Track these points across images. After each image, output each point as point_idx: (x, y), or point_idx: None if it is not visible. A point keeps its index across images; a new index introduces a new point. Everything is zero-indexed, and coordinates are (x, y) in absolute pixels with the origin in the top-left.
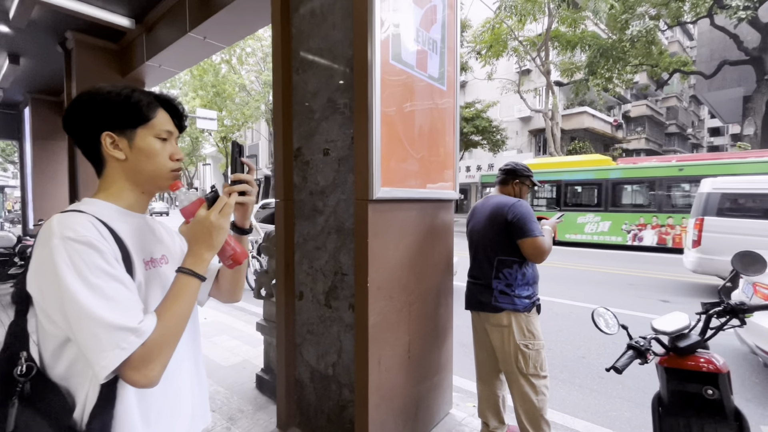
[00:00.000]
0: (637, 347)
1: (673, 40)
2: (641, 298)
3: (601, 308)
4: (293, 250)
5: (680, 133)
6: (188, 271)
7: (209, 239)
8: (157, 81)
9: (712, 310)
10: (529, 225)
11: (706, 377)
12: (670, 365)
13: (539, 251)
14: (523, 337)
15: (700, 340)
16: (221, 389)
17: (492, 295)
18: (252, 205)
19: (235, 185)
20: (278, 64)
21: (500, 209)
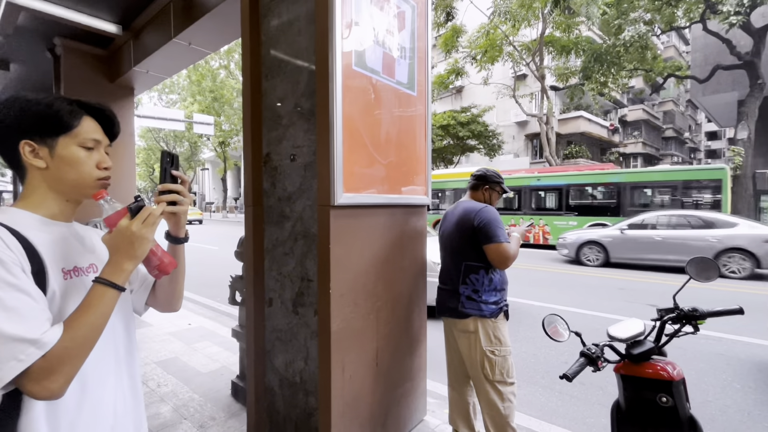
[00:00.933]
0: (588, 354)
1: (669, 45)
2: (629, 302)
3: (552, 315)
4: (263, 256)
5: (677, 137)
6: (104, 281)
7: (130, 249)
8: (146, 86)
9: (666, 317)
10: (495, 231)
11: (661, 384)
12: (626, 372)
13: (503, 257)
14: (489, 343)
15: (654, 347)
16: (196, 396)
17: (459, 300)
18: (185, 214)
19: (163, 195)
20: (247, 69)
21: (467, 215)
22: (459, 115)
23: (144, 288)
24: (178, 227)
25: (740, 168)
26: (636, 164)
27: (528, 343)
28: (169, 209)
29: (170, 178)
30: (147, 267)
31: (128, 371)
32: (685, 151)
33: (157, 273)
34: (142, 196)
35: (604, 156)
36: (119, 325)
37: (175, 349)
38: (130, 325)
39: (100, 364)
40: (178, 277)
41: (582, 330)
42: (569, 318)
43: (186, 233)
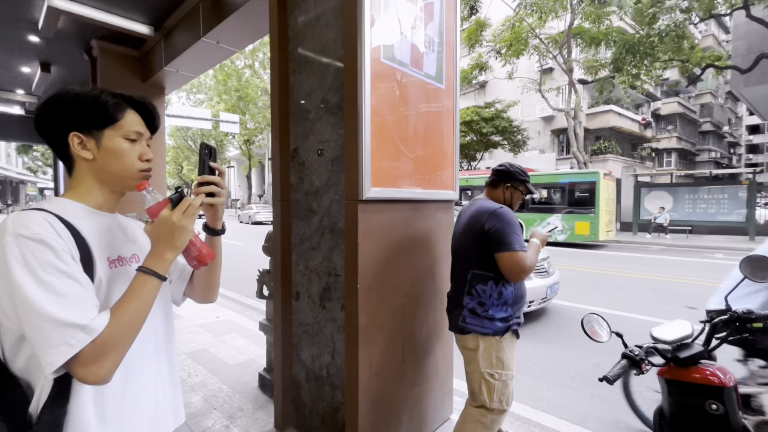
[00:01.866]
0: (631, 357)
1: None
2: (666, 304)
3: (591, 314)
4: (290, 250)
5: (715, 131)
6: (147, 270)
7: (171, 239)
8: (176, 85)
9: (717, 319)
10: (509, 237)
11: (710, 391)
12: (671, 377)
13: (517, 268)
14: (489, 365)
15: (703, 351)
16: (225, 387)
17: (461, 313)
18: (222, 206)
19: (202, 187)
20: (275, 64)
21: (479, 216)
22: (483, 111)
23: (182, 279)
24: (216, 219)
25: None
26: (670, 160)
27: (557, 344)
28: (208, 200)
29: (208, 170)
30: (186, 257)
31: (167, 359)
32: (724, 146)
33: (196, 263)
34: (183, 188)
35: (635, 152)
36: (159, 313)
37: (204, 341)
38: (168, 315)
39: (143, 352)
40: (215, 268)
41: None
42: None
43: (223, 225)
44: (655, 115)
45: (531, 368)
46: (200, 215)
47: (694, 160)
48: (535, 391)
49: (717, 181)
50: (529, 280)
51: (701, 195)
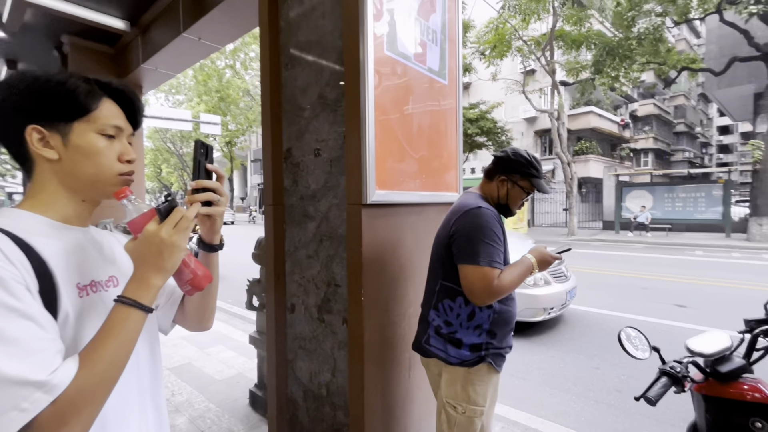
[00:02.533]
0: (673, 374)
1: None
2: (655, 302)
3: (629, 328)
4: (284, 259)
5: (689, 132)
6: (128, 300)
7: (159, 260)
8: (155, 84)
9: (759, 329)
10: (475, 245)
11: (754, 407)
12: (709, 393)
13: (479, 287)
14: (453, 395)
15: (745, 364)
16: (212, 406)
17: (426, 331)
18: (221, 216)
19: (198, 194)
20: (266, 58)
21: (452, 215)
22: (467, 112)
23: (171, 303)
24: (213, 232)
25: (760, 162)
26: (647, 160)
27: (555, 348)
28: (205, 211)
29: (205, 173)
30: (178, 281)
31: (153, 403)
32: (696, 146)
33: (190, 288)
34: (174, 195)
35: (615, 152)
36: (143, 349)
37: (189, 354)
38: (155, 348)
39: (123, 401)
40: (211, 290)
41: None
42: (598, 320)
43: (221, 239)
44: (633, 117)
45: (532, 373)
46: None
47: (669, 160)
48: (540, 398)
49: (693, 181)
50: (547, 285)
51: (679, 194)
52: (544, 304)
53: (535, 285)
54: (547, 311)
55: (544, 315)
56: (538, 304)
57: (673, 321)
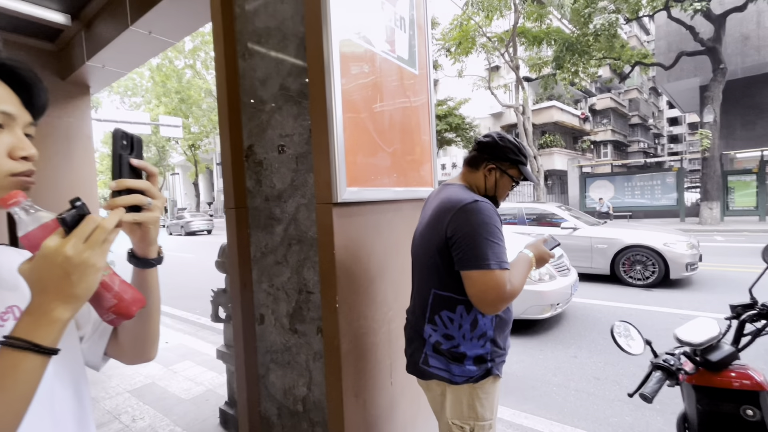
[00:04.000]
0: (666, 367)
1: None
2: (625, 288)
3: (620, 322)
4: (250, 266)
5: (642, 123)
6: (19, 342)
7: (65, 285)
8: (104, 83)
9: (745, 314)
10: (482, 247)
11: (744, 395)
12: (699, 383)
13: (493, 295)
14: (459, 415)
15: (734, 351)
16: (178, 429)
17: (422, 351)
18: (155, 223)
19: (119, 197)
20: (220, 48)
21: (443, 213)
22: (436, 108)
23: (101, 333)
24: (147, 243)
25: (708, 150)
26: (606, 151)
27: (536, 340)
28: (130, 218)
29: (129, 171)
30: (97, 309)
31: None
32: (650, 137)
33: (114, 318)
34: (83, 201)
35: (577, 144)
36: (64, 390)
37: (152, 373)
38: (81, 390)
39: None
40: (150, 313)
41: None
42: (571, 308)
43: (159, 251)
44: (592, 110)
45: (512, 367)
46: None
47: (626, 151)
48: (522, 391)
49: (649, 170)
50: (553, 280)
51: (637, 182)
52: (551, 300)
53: (541, 281)
54: (554, 307)
55: (551, 311)
56: (545, 300)
57: (641, 305)
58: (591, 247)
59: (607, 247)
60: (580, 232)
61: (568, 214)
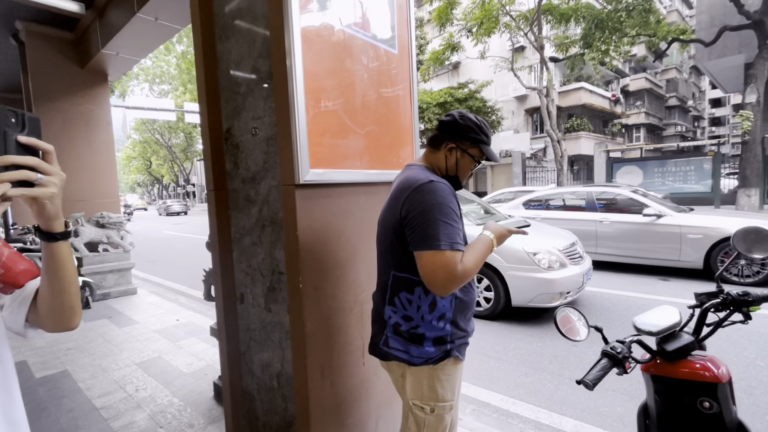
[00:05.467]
0: (613, 355)
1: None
2: (639, 276)
3: (565, 307)
4: (230, 247)
5: (681, 105)
6: None
7: None
8: (119, 71)
9: (708, 303)
10: (433, 227)
11: (703, 387)
12: (657, 372)
13: (442, 276)
14: (419, 395)
15: (693, 341)
16: (176, 400)
17: (383, 332)
18: (53, 199)
19: (4, 173)
20: (198, 32)
21: (399, 193)
22: (456, 92)
23: (20, 302)
24: (46, 218)
25: (749, 133)
26: (639, 135)
27: (533, 326)
28: (17, 192)
29: (16, 148)
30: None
31: (4, 414)
32: (689, 120)
33: (1, 286)
34: None
35: (606, 128)
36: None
37: (159, 348)
38: (2, 352)
39: None
40: (63, 285)
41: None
42: (579, 296)
43: (66, 224)
44: (624, 92)
45: (509, 354)
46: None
47: (661, 135)
48: (514, 378)
49: (683, 154)
50: (563, 268)
51: (669, 168)
52: (561, 288)
53: (550, 268)
54: (564, 295)
55: (560, 300)
56: (554, 288)
57: (654, 295)
58: (680, 237)
59: (702, 237)
60: (666, 219)
61: (649, 198)
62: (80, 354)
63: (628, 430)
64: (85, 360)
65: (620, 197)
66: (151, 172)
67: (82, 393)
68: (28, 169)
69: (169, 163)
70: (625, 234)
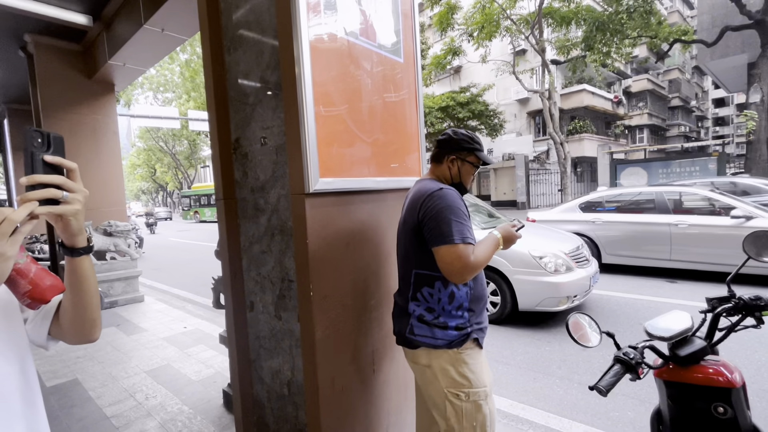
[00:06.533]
0: (626, 361)
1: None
2: (647, 279)
3: (577, 314)
4: (240, 255)
5: (684, 106)
6: None
7: None
8: (126, 81)
9: (720, 308)
10: (447, 225)
11: (716, 392)
12: (670, 378)
13: (458, 266)
14: (452, 383)
15: (706, 346)
16: (186, 408)
17: (408, 323)
18: (77, 216)
19: (33, 192)
20: (206, 42)
21: (415, 201)
22: (458, 96)
23: (43, 316)
24: (70, 234)
25: (754, 133)
26: (642, 136)
27: (540, 330)
28: (44, 210)
29: (42, 167)
30: (14, 293)
31: (28, 426)
32: (692, 120)
33: (29, 302)
34: None
35: (609, 129)
36: (9, 367)
37: (168, 356)
38: (26, 366)
39: None
40: (85, 299)
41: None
42: (586, 300)
43: (89, 240)
44: (627, 93)
45: (517, 358)
46: None
47: (665, 135)
48: (523, 383)
49: (688, 155)
50: (570, 272)
51: (674, 169)
52: (567, 292)
53: (557, 272)
54: (571, 299)
55: (567, 303)
56: (561, 292)
57: (662, 298)
58: None
59: None
60: (757, 222)
61: (732, 198)
62: (90, 362)
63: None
64: (95, 368)
65: (695, 197)
66: (156, 179)
67: (92, 401)
68: (54, 187)
69: (173, 170)
70: (707, 239)
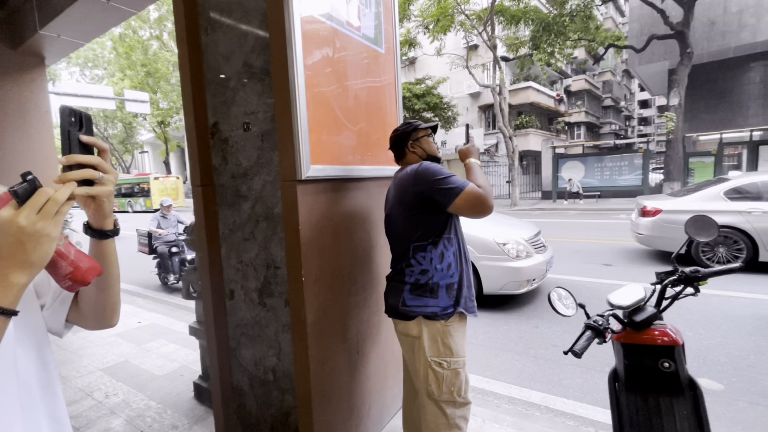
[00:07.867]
0: (595, 327)
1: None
2: (586, 263)
3: (558, 288)
4: (218, 243)
5: (614, 105)
6: None
7: (20, 253)
8: (60, 54)
9: (667, 280)
10: (447, 182)
11: (662, 350)
12: (626, 341)
13: (477, 201)
14: (436, 353)
15: (655, 312)
16: (153, 403)
17: (401, 296)
18: (109, 197)
19: (72, 172)
20: (181, 21)
21: (405, 181)
22: (414, 87)
23: (61, 301)
24: (101, 216)
25: (672, 132)
26: (580, 132)
27: (499, 311)
28: (83, 191)
29: (79, 147)
30: (54, 276)
31: (49, 414)
32: (621, 119)
33: (70, 284)
34: (34, 175)
35: (552, 125)
36: (27, 355)
37: (125, 352)
38: (44, 353)
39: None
40: (109, 282)
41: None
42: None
43: (115, 223)
44: (567, 92)
45: (479, 337)
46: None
47: (599, 132)
48: (485, 359)
49: (618, 151)
50: (529, 258)
51: (606, 163)
52: (528, 276)
53: (518, 257)
54: (530, 282)
55: (527, 287)
56: (522, 276)
57: (600, 279)
58: None
59: None
60: None
61: None
62: None
63: (588, 397)
64: None
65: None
66: None
67: None
68: (89, 167)
69: None
70: None
